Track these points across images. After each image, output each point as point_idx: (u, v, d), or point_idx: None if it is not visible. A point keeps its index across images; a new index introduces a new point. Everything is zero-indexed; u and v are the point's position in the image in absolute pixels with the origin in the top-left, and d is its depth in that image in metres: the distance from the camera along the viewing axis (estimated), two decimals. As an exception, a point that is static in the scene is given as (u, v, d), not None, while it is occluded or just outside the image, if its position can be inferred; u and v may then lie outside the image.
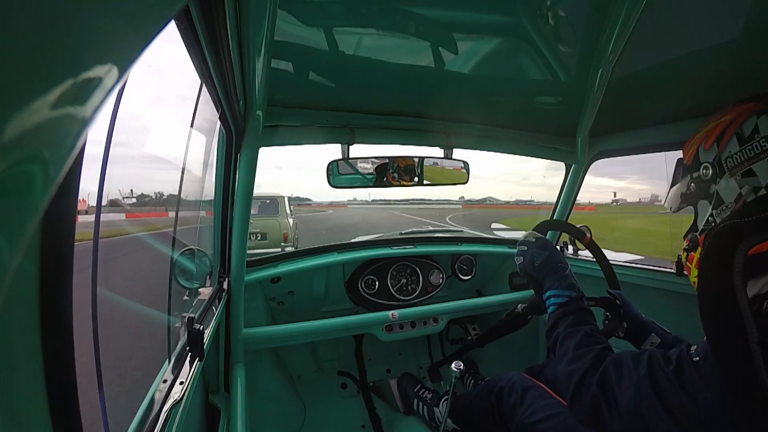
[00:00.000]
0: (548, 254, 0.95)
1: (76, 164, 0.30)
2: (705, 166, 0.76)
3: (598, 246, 1.23)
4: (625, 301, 1.07)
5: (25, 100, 0.13)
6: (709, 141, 0.76)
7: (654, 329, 1.01)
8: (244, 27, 0.66)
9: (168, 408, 0.61)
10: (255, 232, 5.72)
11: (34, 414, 0.29)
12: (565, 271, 0.91)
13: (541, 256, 0.95)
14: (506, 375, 1.17)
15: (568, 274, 0.91)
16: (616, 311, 1.06)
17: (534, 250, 0.97)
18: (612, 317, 1.08)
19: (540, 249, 0.97)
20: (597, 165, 1.58)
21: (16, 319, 0.27)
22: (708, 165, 0.76)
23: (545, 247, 0.97)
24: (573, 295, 0.86)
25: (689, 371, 0.59)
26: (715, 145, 0.74)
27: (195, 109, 0.82)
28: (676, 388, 0.59)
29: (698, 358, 0.60)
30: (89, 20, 0.16)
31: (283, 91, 1.04)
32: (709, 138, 0.76)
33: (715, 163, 0.74)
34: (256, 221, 5.78)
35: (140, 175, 19.08)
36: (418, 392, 1.57)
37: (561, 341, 0.80)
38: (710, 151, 0.76)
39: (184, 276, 1.03)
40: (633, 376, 0.64)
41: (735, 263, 0.57)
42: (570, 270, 0.93)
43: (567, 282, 0.89)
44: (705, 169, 0.76)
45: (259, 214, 5.96)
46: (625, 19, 0.78)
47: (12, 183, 0.13)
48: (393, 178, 1.33)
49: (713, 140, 0.75)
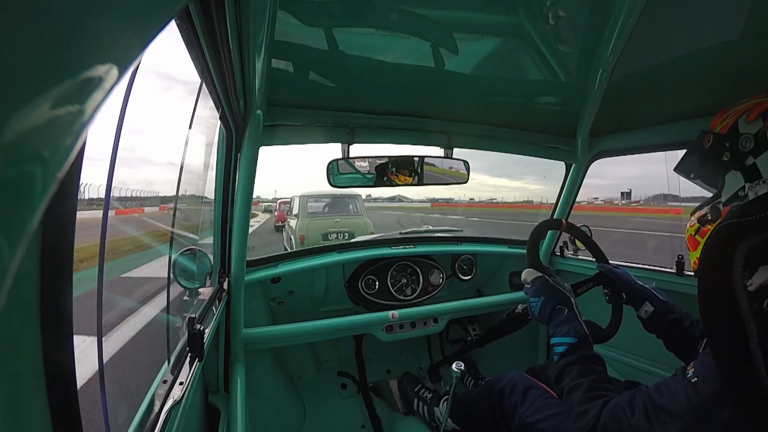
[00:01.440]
0: (543, 300, 0.93)
1: (76, 164, 0.30)
2: (746, 137, 0.74)
3: (575, 226, 1.24)
4: (617, 273, 1.10)
5: (25, 100, 0.13)
6: (753, 114, 0.74)
7: (648, 297, 1.04)
8: (244, 27, 0.66)
9: (168, 408, 0.61)
10: (343, 231, 5.50)
11: (34, 414, 0.29)
12: (563, 314, 0.89)
13: (538, 306, 0.94)
14: (508, 374, 1.17)
15: (566, 317, 0.88)
16: (612, 285, 1.10)
17: (530, 297, 0.97)
18: (612, 292, 1.11)
19: (535, 296, 0.95)
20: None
21: (16, 319, 0.27)
22: (750, 137, 0.73)
23: (539, 293, 0.95)
24: (572, 342, 0.84)
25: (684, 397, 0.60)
26: (761, 119, 0.72)
27: (194, 109, 0.82)
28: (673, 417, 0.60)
29: (696, 379, 0.60)
30: (89, 20, 0.16)
31: (283, 90, 1.04)
32: (752, 111, 0.74)
33: (759, 137, 0.72)
34: (342, 220, 5.59)
35: (140, 175, 19.06)
36: (418, 392, 1.57)
37: (566, 395, 0.79)
38: (753, 124, 0.73)
39: (184, 276, 1.03)
40: (633, 423, 0.65)
41: (735, 263, 0.57)
42: (570, 308, 0.89)
43: (565, 328, 0.86)
44: (746, 141, 0.74)
45: (331, 212, 5.74)
46: (625, 19, 0.78)
47: (12, 183, 0.13)
48: (393, 178, 1.33)
49: (758, 114, 0.73)
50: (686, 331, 0.99)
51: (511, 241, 1.93)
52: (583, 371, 0.79)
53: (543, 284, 0.95)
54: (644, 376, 1.35)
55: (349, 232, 5.51)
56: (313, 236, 5.39)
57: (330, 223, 5.62)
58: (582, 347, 0.83)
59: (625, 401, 0.68)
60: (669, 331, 1.02)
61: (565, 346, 0.84)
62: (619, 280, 1.10)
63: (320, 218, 5.70)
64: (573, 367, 0.80)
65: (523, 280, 1.01)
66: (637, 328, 1.06)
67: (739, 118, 0.76)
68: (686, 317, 1.01)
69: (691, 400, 0.59)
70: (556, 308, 0.90)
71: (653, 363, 1.37)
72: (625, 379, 1.14)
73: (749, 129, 0.73)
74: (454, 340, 2.04)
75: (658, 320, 1.03)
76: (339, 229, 5.45)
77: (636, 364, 1.43)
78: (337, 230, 5.44)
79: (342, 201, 5.94)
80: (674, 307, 1.03)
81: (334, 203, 5.93)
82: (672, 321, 1.01)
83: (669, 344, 1.03)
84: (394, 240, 1.81)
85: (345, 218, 5.65)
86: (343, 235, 5.47)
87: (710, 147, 0.81)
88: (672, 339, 1.02)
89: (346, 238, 5.38)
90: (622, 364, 1.48)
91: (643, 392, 0.67)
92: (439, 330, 1.58)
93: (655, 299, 1.04)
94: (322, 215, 5.82)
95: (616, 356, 1.50)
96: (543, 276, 0.97)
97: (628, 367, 1.45)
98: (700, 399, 0.58)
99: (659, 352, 1.34)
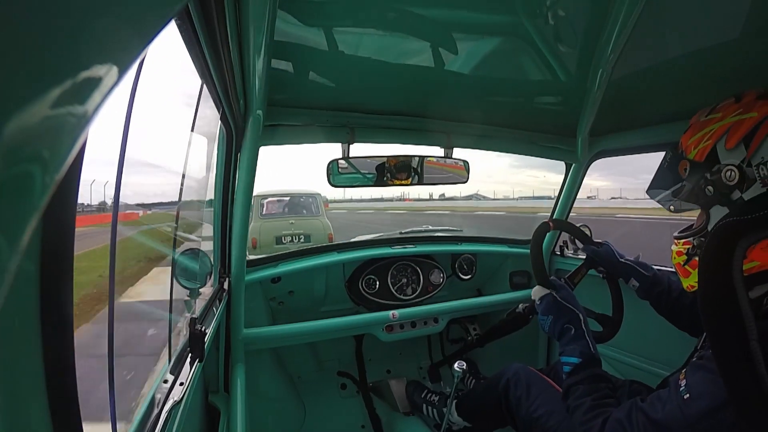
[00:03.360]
0: (552, 319, 0.95)
1: (76, 164, 0.30)
2: (730, 170, 0.67)
3: (558, 220, 1.36)
4: (599, 253, 1.15)
5: (25, 100, 0.13)
6: (732, 140, 0.67)
7: (632, 272, 1.08)
8: (243, 27, 0.66)
9: (168, 408, 0.61)
10: (298, 233, 5.15)
11: (34, 414, 0.29)
12: (570, 333, 0.90)
13: (546, 324, 0.96)
14: (512, 367, 1.18)
15: (573, 336, 0.90)
16: (603, 266, 1.16)
17: (540, 316, 0.99)
18: (607, 271, 1.18)
19: (544, 315, 0.97)
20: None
21: (16, 319, 0.27)
22: (733, 169, 0.66)
23: (548, 311, 0.96)
24: (577, 363, 0.85)
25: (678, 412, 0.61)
26: (743, 146, 0.66)
27: (196, 109, 0.82)
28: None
29: (689, 395, 0.61)
30: (89, 20, 0.16)
31: (283, 90, 1.04)
32: (732, 136, 0.67)
33: (744, 168, 0.65)
34: (298, 221, 5.26)
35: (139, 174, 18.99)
36: (425, 397, 1.57)
37: (571, 413, 0.82)
38: (735, 152, 0.67)
39: (184, 276, 1.03)
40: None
41: (734, 261, 0.57)
42: (578, 326, 0.91)
43: (572, 347, 0.88)
44: (729, 172, 0.67)
45: (290, 213, 5.44)
46: (624, 19, 0.78)
47: (12, 183, 0.12)
48: (393, 177, 1.33)
49: (739, 140, 0.66)
50: (675, 301, 1.03)
51: (511, 241, 1.93)
52: (587, 390, 0.81)
53: (551, 303, 0.97)
54: (644, 375, 1.35)
55: (305, 235, 5.17)
56: (266, 239, 4.99)
57: (284, 225, 5.21)
58: (587, 366, 0.85)
59: (624, 416, 0.69)
60: (656, 302, 1.06)
61: (570, 366, 0.86)
62: (601, 259, 1.15)
63: (274, 220, 5.29)
64: (578, 386, 0.83)
65: (533, 298, 1.04)
66: (637, 327, 1.07)
67: (717, 142, 0.70)
68: (674, 287, 1.04)
69: (685, 415, 0.60)
70: (565, 327, 0.92)
71: (653, 363, 1.37)
72: (624, 378, 1.14)
73: (731, 158, 0.67)
74: (455, 339, 2.04)
75: (645, 293, 1.07)
76: (294, 231, 5.11)
77: (636, 364, 1.43)
78: (292, 233, 5.09)
79: (299, 201, 5.60)
80: (660, 279, 1.06)
81: (291, 203, 5.57)
82: (659, 293, 1.05)
83: (659, 311, 1.08)
84: (395, 240, 1.81)
85: (300, 219, 5.29)
86: (298, 237, 5.14)
87: (688, 177, 0.75)
88: (660, 308, 1.07)
89: (302, 241, 5.13)
90: (622, 363, 1.48)
91: (638, 407, 0.68)
92: (439, 330, 1.58)
93: (638, 273, 1.08)
94: (276, 217, 5.40)
95: (617, 356, 1.50)
96: (551, 293, 0.98)
97: (628, 367, 1.45)
98: (693, 414, 0.59)
99: (659, 352, 1.34)
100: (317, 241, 5.08)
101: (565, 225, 1.31)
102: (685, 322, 1.03)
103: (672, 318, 1.05)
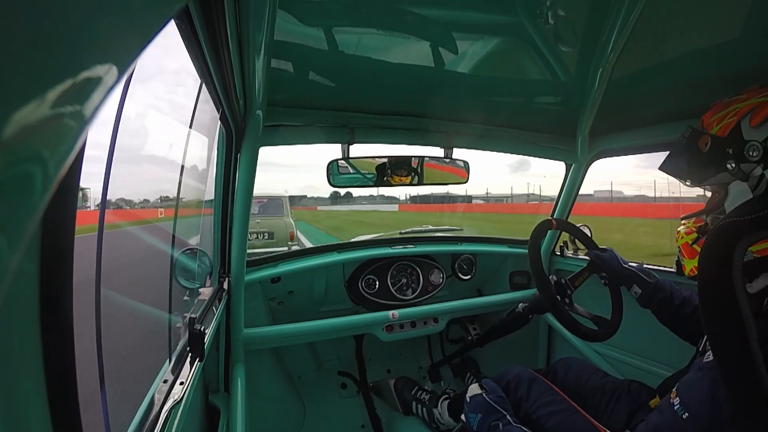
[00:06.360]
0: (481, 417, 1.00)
1: (76, 164, 0.30)
2: (753, 146, 0.67)
3: (563, 220, 1.35)
4: (603, 258, 1.15)
5: (25, 99, 0.13)
6: (758, 117, 0.67)
7: (635, 279, 1.07)
8: (243, 27, 0.65)
9: (168, 408, 0.62)
10: (263, 231, 5.83)
11: (34, 414, 0.29)
12: (498, 429, 0.95)
13: (476, 421, 1.02)
14: (512, 369, 1.18)
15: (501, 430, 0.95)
16: (606, 272, 1.16)
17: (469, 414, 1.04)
18: (609, 277, 1.17)
19: (473, 413, 1.03)
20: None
21: (16, 319, 0.27)
22: (757, 145, 0.67)
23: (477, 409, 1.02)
24: None
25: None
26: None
27: (194, 109, 0.82)
28: None
29: (687, 414, 0.61)
30: (89, 20, 0.16)
31: (283, 91, 1.04)
32: (757, 114, 0.68)
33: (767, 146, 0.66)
34: (263, 221, 5.88)
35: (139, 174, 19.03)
36: (415, 395, 1.57)
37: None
38: (760, 130, 0.67)
39: (184, 276, 1.03)
40: None
41: (734, 261, 0.57)
42: (505, 422, 0.97)
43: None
44: (753, 149, 0.67)
45: (261, 213, 6.05)
46: (624, 19, 0.78)
47: (12, 183, 0.12)
48: (393, 178, 1.33)
49: (764, 117, 0.67)
50: (677, 309, 1.02)
51: (511, 241, 1.93)
52: None
53: (481, 402, 1.03)
54: (644, 375, 1.35)
55: (269, 232, 5.86)
56: None
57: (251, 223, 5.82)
58: None
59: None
60: (659, 310, 1.05)
61: None
62: (604, 264, 1.14)
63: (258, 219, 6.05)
64: None
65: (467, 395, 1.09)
66: (637, 327, 1.07)
67: (742, 120, 0.70)
68: (677, 295, 1.03)
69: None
70: (492, 425, 0.97)
71: (653, 362, 1.37)
72: (624, 378, 1.14)
73: (756, 135, 0.68)
74: (455, 339, 2.04)
75: (647, 300, 1.06)
76: (259, 229, 5.78)
77: (636, 364, 1.43)
78: (257, 231, 5.75)
79: (266, 203, 6.26)
80: (663, 286, 1.05)
81: (266, 206, 6.20)
82: (660, 300, 1.04)
83: (661, 320, 1.06)
84: (394, 240, 1.81)
85: (266, 219, 5.92)
86: (263, 235, 5.81)
87: (709, 151, 0.75)
88: (662, 317, 1.05)
89: (266, 238, 5.76)
90: (622, 363, 1.48)
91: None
92: (439, 330, 1.58)
93: (641, 280, 1.07)
94: (257, 216, 6.11)
95: (617, 356, 1.50)
96: (481, 394, 1.05)
97: (628, 367, 1.45)
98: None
99: (659, 352, 1.34)
100: (279, 237, 5.85)
101: (569, 226, 1.30)
102: (688, 331, 1.01)
103: (674, 327, 1.03)
